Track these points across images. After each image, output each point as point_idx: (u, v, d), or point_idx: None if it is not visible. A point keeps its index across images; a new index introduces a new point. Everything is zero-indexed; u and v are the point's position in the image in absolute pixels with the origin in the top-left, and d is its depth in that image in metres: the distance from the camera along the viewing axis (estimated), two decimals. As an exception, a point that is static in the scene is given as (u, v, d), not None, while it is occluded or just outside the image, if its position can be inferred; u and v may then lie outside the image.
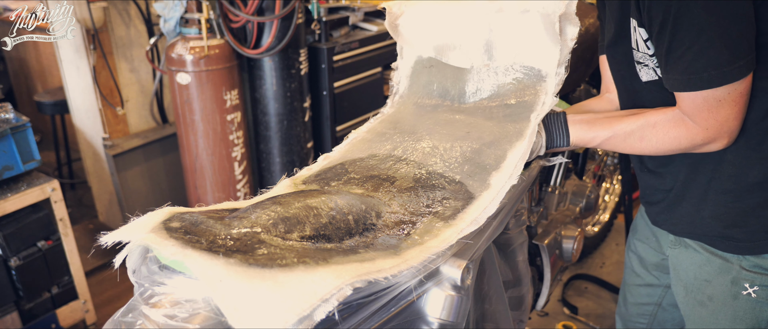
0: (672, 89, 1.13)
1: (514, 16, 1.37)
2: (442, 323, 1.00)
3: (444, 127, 1.35)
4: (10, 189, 2.17)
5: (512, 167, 1.19)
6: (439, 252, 0.97)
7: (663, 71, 1.13)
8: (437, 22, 1.48)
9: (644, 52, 1.19)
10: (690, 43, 1.05)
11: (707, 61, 1.04)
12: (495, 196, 1.14)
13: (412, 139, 1.33)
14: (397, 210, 1.08)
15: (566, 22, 1.34)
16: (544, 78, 1.36)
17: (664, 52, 1.09)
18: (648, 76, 1.23)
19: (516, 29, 1.38)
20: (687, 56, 1.06)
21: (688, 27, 1.03)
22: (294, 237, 0.92)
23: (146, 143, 3.15)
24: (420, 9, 1.51)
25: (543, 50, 1.35)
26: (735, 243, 1.26)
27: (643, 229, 1.59)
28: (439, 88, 1.48)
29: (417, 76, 1.52)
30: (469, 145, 1.27)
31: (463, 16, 1.45)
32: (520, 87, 1.38)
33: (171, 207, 0.94)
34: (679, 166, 1.30)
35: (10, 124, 2.13)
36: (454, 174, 1.20)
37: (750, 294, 1.28)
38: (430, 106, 1.47)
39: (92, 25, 2.76)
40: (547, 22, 1.33)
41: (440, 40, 1.48)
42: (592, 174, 2.59)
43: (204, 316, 0.77)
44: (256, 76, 2.77)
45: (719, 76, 1.05)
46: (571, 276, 2.79)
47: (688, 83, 1.09)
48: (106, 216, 3.38)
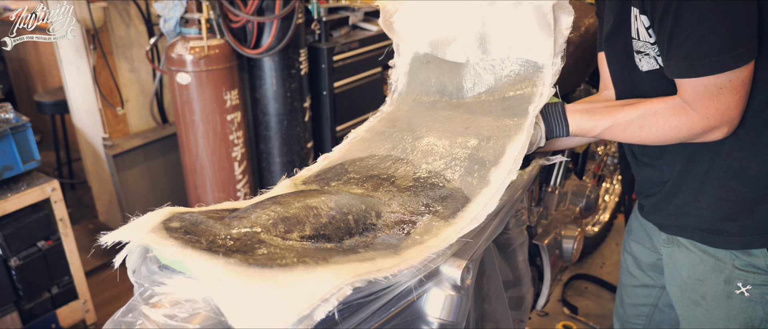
0: (673, 76, 1.13)
1: (507, 8, 1.36)
2: (441, 323, 1.00)
3: (443, 124, 1.35)
4: (10, 189, 2.17)
5: (511, 162, 1.19)
6: (439, 251, 0.97)
7: (664, 58, 1.12)
8: (431, 17, 1.48)
9: (645, 41, 1.19)
10: (692, 29, 1.04)
11: (709, 46, 1.04)
12: (494, 193, 1.13)
13: (411, 137, 1.33)
14: (396, 210, 1.08)
15: (560, 12, 1.33)
16: (540, 69, 1.35)
17: (666, 38, 1.09)
18: (649, 65, 1.22)
19: (509, 21, 1.37)
20: (689, 42, 1.06)
21: (691, 12, 1.03)
22: (294, 237, 0.92)
23: (146, 143, 3.15)
24: (414, 5, 1.51)
25: (538, 41, 1.35)
26: (727, 237, 1.26)
27: (637, 230, 1.59)
28: (436, 83, 1.48)
29: (414, 72, 1.52)
30: (468, 141, 1.27)
31: (456, 10, 1.44)
32: (517, 79, 1.37)
33: (171, 207, 0.94)
34: (676, 157, 1.29)
35: (10, 124, 2.13)
36: (454, 172, 1.20)
37: (743, 294, 1.28)
38: (428, 102, 1.47)
39: (92, 25, 2.76)
40: (538, 13, 1.32)
41: (435, 35, 1.48)
42: (592, 174, 2.59)
43: (204, 316, 0.77)
44: (256, 76, 2.77)
45: (721, 63, 1.05)
46: (571, 276, 2.79)
47: (689, 69, 1.08)
48: (106, 216, 3.38)
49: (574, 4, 1.68)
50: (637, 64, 1.25)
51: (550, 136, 1.29)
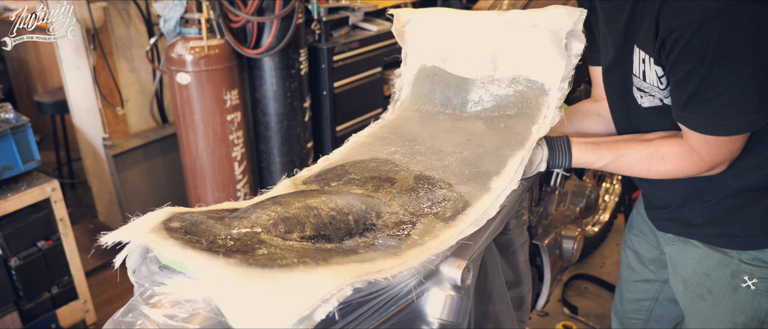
0: (686, 126, 1.14)
1: (523, 30, 1.38)
2: (442, 323, 1.00)
3: (445, 134, 1.36)
4: (10, 189, 2.17)
5: (513, 173, 1.20)
6: (439, 252, 0.97)
7: (680, 108, 1.13)
8: (445, 31, 1.49)
9: (653, 85, 1.19)
10: (723, 89, 1.05)
11: (738, 108, 1.05)
12: (495, 200, 1.14)
13: (413, 144, 1.33)
14: (397, 211, 1.08)
15: (572, 38, 1.34)
16: (546, 92, 1.36)
17: (689, 93, 1.09)
18: (650, 103, 1.24)
19: (523, 43, 1.38)
20: (717, 101, 1.06)
21: (724, 76, 1.03)
22: (294, 238, 0.92)
23: (146, 143, 3.15)
24: (428, 17, 1.51)
25: (548, 65, 1.36)
26: (734, 239, 1.28)
27: (639, 225, 1.60)
28: (441, 96, 1.49)
29: (420, 83, 1.53)
30: (470, 151, 1.28)
31: (471, 27, 1.45)
32: (523, 99, 1.38)
33: (171, 207, 0.94)
34: (677, 184, 1.32)
35: (10, 124, 2.13)
36: (454, 177, 1.20)
37: (749, 287, 1.29)
38: (431, 113, 1.47)
39: (92, 25, 2.76)
40: (554, 38, 1.33)
41: (446, 49, 1.49)
42: (592, 174, 2.59)
43: (204, 316, 0.77)
44: (256, 76, 2.77)
45: (744, 125, 1.07)
46: (571, 276, 2.79)
47: (707, 127, 1.09)
48: (106, 216, 3.38)
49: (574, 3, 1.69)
50: (637, 100, 1.27)
51: (553, 164, 1.30)
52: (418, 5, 3.76)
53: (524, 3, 1.70)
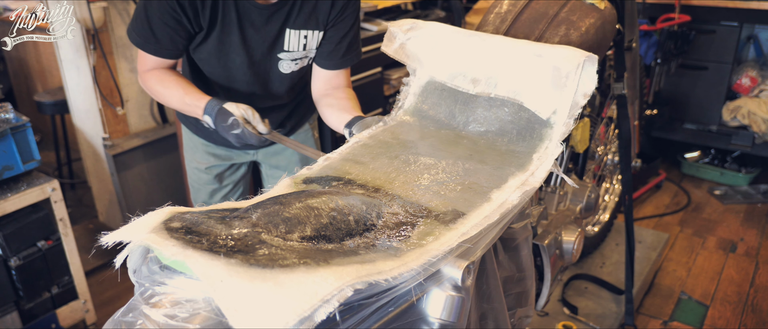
0: None
1: (529, 58, 1.38)
2: (442, 323, 1.00)
3: (447, 146, 1.37)
4: (10, 189, 2.17)
5: (512, 189, 1.20)
6: (440, 254, 0.97)
7: None
8: (454, 49, 1.50)
9: None
10: None
11: None
12: (495, 209, 1.14)
13: (415, 150, 1.34)
14: (397, 211, 1.08)
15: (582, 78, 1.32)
16: (551, 126, 1.36)
17: None
18: None
19: (530, 71, 1.38)
20: None
21: None
22: (295, 238, 0.92)
23: (146, 143, 3.15)
24: (433, 31, 1.52)
25: (551, 98, 1.36)
26: None
27: None
28: (446, 111, 1.49)
29: (425, 95, 1.53)
30: (472, 165, 1.29)
31: (480, 49, 1.46)
32: (528, 127, 1.38)
33: (171, 207, 0.94)
34: None
35: (10, 124, 2.13)
36: (456, 184, 1.21)
37: None
38: (434, 124, 1.48)
39: (92, 25, 2.76)
40: (556, 74, 1.33)
41: (455, 67, 1.49)
42: (592, 174, 2.59)
43: (204, 316, 0.77)
44: (256, 76, 2.76)
45: None
46: (571, 276, 2.79)
47: None
48: (106, 216, 3.38)
49: (574, 4, 1.68)
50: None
51: None
52: (419, 6, 3.75)
53: (525, 3, 1.69)
